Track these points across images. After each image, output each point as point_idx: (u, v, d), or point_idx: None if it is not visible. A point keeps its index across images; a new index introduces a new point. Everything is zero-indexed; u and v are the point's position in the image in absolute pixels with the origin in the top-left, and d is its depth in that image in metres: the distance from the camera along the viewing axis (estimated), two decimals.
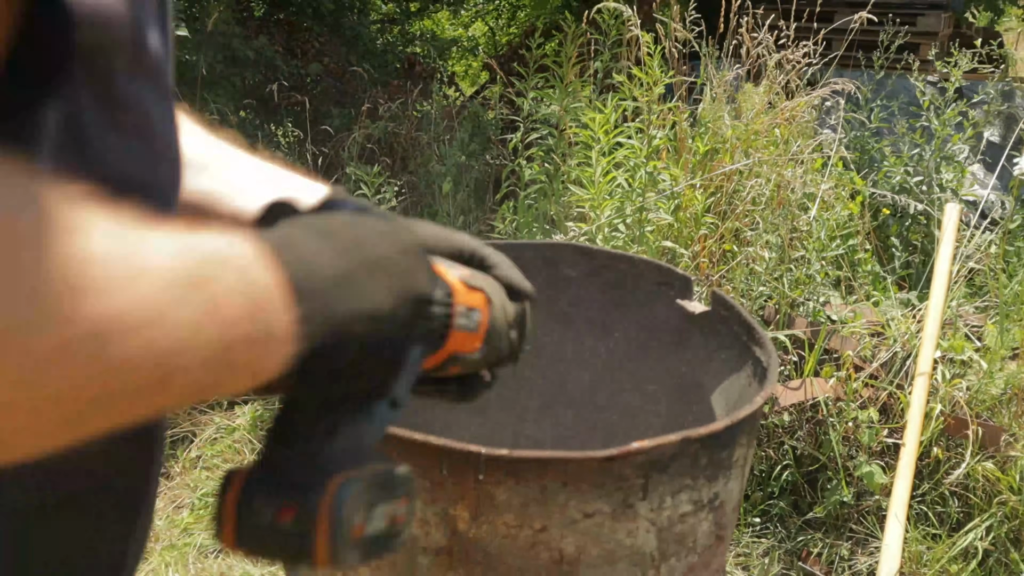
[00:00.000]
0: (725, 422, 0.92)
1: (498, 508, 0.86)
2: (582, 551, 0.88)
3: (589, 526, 0.87)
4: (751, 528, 2.32)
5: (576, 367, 1.49)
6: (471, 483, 0.85)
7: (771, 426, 2.38)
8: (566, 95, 3.13)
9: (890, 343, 2.44)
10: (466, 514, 0.86)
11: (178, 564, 2.20)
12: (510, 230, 3.09)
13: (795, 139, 3.03)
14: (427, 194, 4.00)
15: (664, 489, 0.89)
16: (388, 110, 4.26)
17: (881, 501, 2.28)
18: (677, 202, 2.79)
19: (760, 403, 0.98)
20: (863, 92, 3.57)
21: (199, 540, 2.28)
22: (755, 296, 2.60)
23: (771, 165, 2.85)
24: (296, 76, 5.10)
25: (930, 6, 4.88)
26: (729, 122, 3.06)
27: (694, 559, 0.97)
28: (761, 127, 3.00)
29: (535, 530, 0.87)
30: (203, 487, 2.50)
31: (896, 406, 2.36)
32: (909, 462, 1.86)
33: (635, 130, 2.89)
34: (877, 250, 3.15)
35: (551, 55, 3.37)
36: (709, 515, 0.96)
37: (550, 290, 1.44)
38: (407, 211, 4.04)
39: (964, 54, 3.39)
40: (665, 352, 1.38)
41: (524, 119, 3.35)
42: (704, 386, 1.27)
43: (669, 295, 1.34)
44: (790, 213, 2.72)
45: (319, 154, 4.18)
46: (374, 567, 0.94)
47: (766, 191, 2.80)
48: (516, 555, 0.88)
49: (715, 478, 0.94)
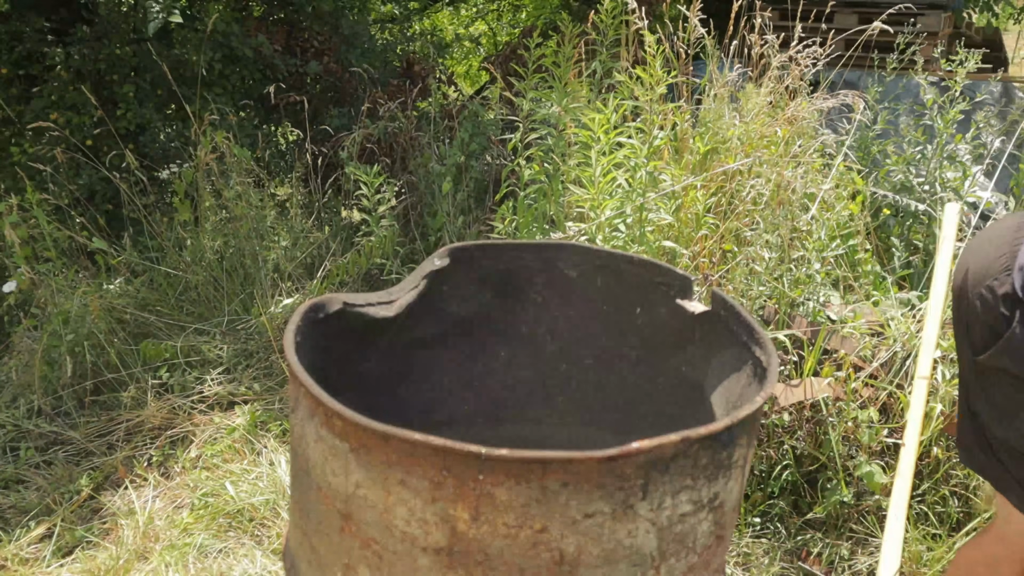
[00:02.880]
0: (725, 422, 0.92)
1: (498, 508, 0.85)
2: (582, 551, 0.88)
3: (589, 526, 0.87)
4: (751, 528, 2.32)
5: (576, 367, 1.48)
6: (471, 483, 0.84)
7: (771, 426, 2.38)
8: (565, 95, 3.13)
9: (890, 343, 2.44)
10: (466, 514, 0.86)
11: (178, 564, 2.20)
12: (510, 230, 3.09)
13: (796, 139, 3.03)
14: (427, 194, 4.00)
15: (664, 489, 0.89)
16: (388, 110, 4.26)
17: (881, 501, 2.28)
18: (678, 202, 2.78)
19: (760, 403, 0.98)
20: (871, 93, 3.57)
21: (199, 540, 2.28)
22: (755, 296, 2.60)
23: (772, 165, 2.85)
24: (295, 75, 5.10)
25: (930, 6, 4.88)
26: (730, 122, 3.05)
27: (694, 559, 0.97)
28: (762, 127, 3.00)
29: (535, 530, 0.86)
30: (203, 487, 2.50)
31: (896, 406, 2.36)
32: (909, 462, 1.86)
33: (635, 130, 2.89)
34: (877, 250, 3.15)
35: (550, 55, 3.37)
36: (709, 515, 0.96)
37: (550, 290, 1.44)
38: (407, 211, 4.04)
39: (973, 53, 3.39)
40: (665, 352, 1.38)
41: (524, 119, 3.35)
42: (704, 386, 1.27)
43: (669, 295, 1.34)
44: (790, 213, 2.72)
45: (318, 154, 4.18)
46: (374, 567, 0.94)
47: (766, 191, 2.80)
48: (516, 555, 0.88)
49: (715, 478, 0.94)
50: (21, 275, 3.07)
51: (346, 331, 1.24)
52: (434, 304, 1.35)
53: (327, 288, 3.36)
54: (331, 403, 0.91)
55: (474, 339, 1.42)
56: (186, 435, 2.77)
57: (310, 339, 1.14)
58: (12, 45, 4.52)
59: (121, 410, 2.90)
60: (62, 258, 3.38)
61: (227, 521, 2.37)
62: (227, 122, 4.18)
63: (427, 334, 1.38)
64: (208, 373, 3.03)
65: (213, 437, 2.75)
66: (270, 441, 2.69)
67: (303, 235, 3.80)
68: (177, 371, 3.04)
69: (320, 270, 3.51)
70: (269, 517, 2.37)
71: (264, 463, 2.57)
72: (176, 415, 2.85)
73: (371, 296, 1.28)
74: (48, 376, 3.01)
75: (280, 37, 5.20)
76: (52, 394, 2.99)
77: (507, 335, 1.20)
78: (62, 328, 3.01)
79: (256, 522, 2.35)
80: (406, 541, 0.90)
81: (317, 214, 4.18)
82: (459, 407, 1.39)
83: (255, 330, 3.22)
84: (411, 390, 1.40)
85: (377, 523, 0.91)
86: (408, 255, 3.81)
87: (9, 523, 2.45)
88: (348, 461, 0.91)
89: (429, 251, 3.76)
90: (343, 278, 3.42)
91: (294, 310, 2.22)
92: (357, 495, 0.92)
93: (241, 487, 2.47)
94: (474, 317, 1.40)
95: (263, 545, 2.28)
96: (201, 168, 3.49)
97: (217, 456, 2.65)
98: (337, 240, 3.84)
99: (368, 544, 0.93)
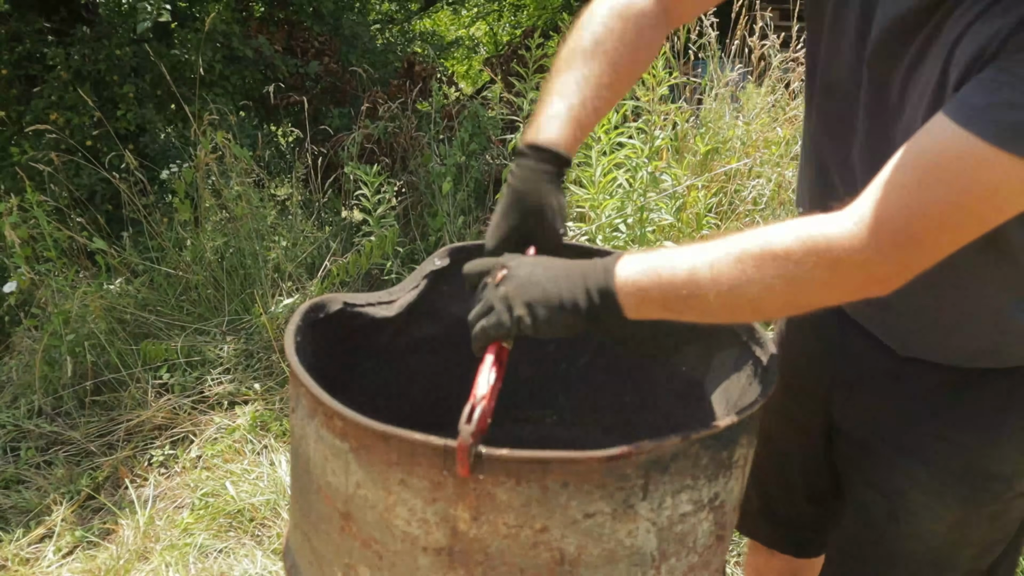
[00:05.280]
0: (726, 422, 0.92)
1: (498, 508, 0.85)
2: (583, 551, 0.88)
3: (590, 526, 0.87)
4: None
5: (576, 367, 1.48)
6: (471, 483, 0.84)
7: None
8: None
9: None
10: (466, 514, 0.86)
11: (178, 564, 2.20)
12: None
13: (797, 140, 3.03)
14: (427, 194, 4.00)
15: (665, 489, 0.89)
16: (388, 110, 4.26)
17: None
18: (679, 202, 2.79)
19: (761, 403, 0.98)
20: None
21: (199, 540, 2.28)
22: None
23: (772, 165, 2.85)
24: (295, 75, 5.10)
25: None
26: (731, 122, 3.05)
27: (694, 559, 0.97)
28: (763, 128, 2.99)
29: (535, 530, 0.86)
30: (203, 487, 2.50)
31: None
32: None
33: (636, 130, 2.89)
34: None
35: (551, 56, 3.37)
36: (710, 515, 0.96)
37: None
38: (407, 211, 4.04)
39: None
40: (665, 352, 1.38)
41: (524, 119, 3.35)
42: (704, 386, 1.27)
43: None
44: (791, 213, 2.72)
45: (318, 154, 4.18)
46: (374, 567, 0.94)
47: (767, 191, 2.80)
48: (516, 555, 0.88)
49: (716, 478, 0.94)
50: (21, 275, 3.07)
51: (346, 331, 1.24)
52: (434, 304, 1.35)
53: (327, 288, 3.36)
54: (331, 403, 0.91)
55: None
56: (186, 435, 2.77)
57: (310, 339, 1.14)
58: (12, 45, 4.53)
59: (121, 410, 2.90)
60: (62, 258, 3.38)
61: (227, 521, 2.37)
62: (227, 122, 4.18)
63: (427, 334, 1.38)
64: (208, 373, 3.03)
65: (213, 437, 2.75)
66: (270, 441, 2.70)
67: (303, 235, 3.80)
68: (177, 371, 3.04)
69: (320, 270, 3.51)
70: (269, 517, 2.37)
71: (264, 463, 2.57)
72: (176, 415, 2.85)
73: (371, 296, 1.28)
74: (48, 376, 3.01)
75: (280, 37, 5.21)
76: (52, 394, 2.99)
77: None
78: (62, 328, 3.01)
79: (256, 522, 2.36)
80: (406, 541, 0.90)
81: (317, 214, 4.18)
82: (459, 407, 1.39)
83: (255, 330, 3.22)
84: (411, 390, 1.40)
85: (377, 523, 0.91)
86: (408, 255, 3.81)
87: (9, 523, 2.45)
88: (348, 461, 0.91)
89: (429, 251, 3.76)
90: (343, 278, 3.42)
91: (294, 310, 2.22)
92: (357, 495, 0.92)
93: (241, 487, 2.47)
94: None
95: (263, 545, 2.28)
96: (201, 168, 3.49)
97: (217, 456, 2.65)
98: (337, 240, 3.84)
99: (368, 544, 0.93)
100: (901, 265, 0.81)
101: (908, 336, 1.09)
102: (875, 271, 0.81)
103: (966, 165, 0.77)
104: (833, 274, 0.82)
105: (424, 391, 1.40)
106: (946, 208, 0.79)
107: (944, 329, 1.05)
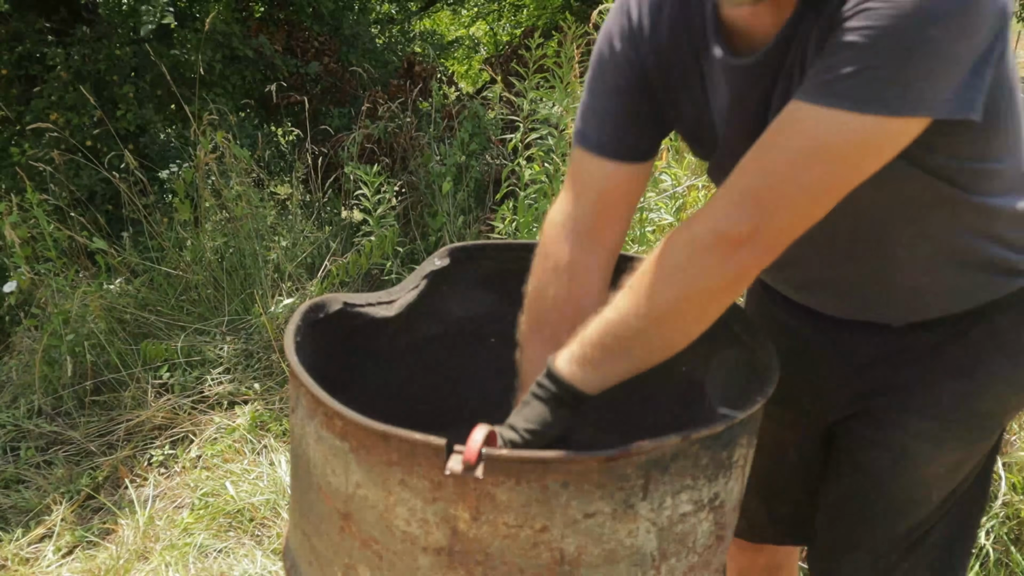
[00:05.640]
0: (725, 422, 0.92)
1: (498, 508, 0.85)
2: (583, 551, 0.88)
3: (590, 526, 0.87)
4: None
5: None
6: (471, 483, 0.84)
7: None
8: (566, 95, 3.13)
9: None
10: (466, 514, 0.86)
11: (178, 564, 2.20)
12: (510, 230, 3.09)
13: None
14: (427, 194, 4.00)
15: (665, 489, 0.89)
16: (388, 110, 4.26)
17: None
18: (679, 203, 2.78)
19: (760, 403, 0.98)
20: None
21: (199, 540, 2.28)
22: None
23: None
24: (295, 75, 5.10)
25: None
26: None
27: (694, 559, 0.97)
28: None
29: (536, 530, 0.87)
30: (203, 487, 2.50)
31: None
32: None
33: None
34: None
35: (551, 55, 3.37)
36: (710, 515, 0.96)
37: None
38: (407, 211, 4.04)
39: None
40: None
41: (524, 119, 3.35)
42: (704, 386, 1.27)
43: None
44: None
45: (318, 154, 4.18)
46: (374, 567, 0.94)
47: None
48: (516, 555, 0.88)
49: (716, 478, 0.94)
50: (21, 275, 3.07)
51: (346, 331, 1.24)
52: (434, 304, 1.35)
53: (327, 288, 3.36)
54: (331, 403, 0.91)
55: (474, 339, 1.42)
56: (186, 435, 2.77)
57: (310, 339, 1.14)
58: (12, 45, 4.53)
59: (121, 410, 2.90)
60: (62, 258, 3.38)
61: (227, 521, 2.37)
62: (227, 122, 4.18)
63: (427, 334, 1.38)
64: (208, 373, 3.03)
65: (213, 437, 2.75)
66: (270, 441, 2.69)
67: (303, 235, 3.80)
68: (177, 371, 3.04)
69: (320, 270, 3.51)
70: (269, 517, 2.37)
71: (264, 463, 2.57)
72: (176, 415, 2.85)
73: (371, 296, 1.28)
74: (48, 376, 3.01)
75: (280, 37, 5.21)
76: (52, 394, 2.99)
77: (507, 335, 1.20)
78: (62, 328, 3.01)
79: (256, 522, 2.35)
80: (406, 541, 0.90)
81: (317, 214, 4.18)
82: (459, 407, 1.39)
83: (255, 330, 3.22)
84: (411, 390, 1.40)
85: (377, 523, 0.91)
86: (408, 255, 3.81)
87: (9, 523, 2.45)
88: (348, 461, 0.91)
89: (429, 251, 3.76)
90: (343, 278, 3.42)
91: (294, 310, 2.22)
92: (357, 495, 0.92)
93: (241, 487, 2.47)
94: (474, 317, 1.40)
95: (263, 545, 2.28)
96: (201, 168, 3.49)
97: (217, 456, 2.65)
98: (337, 240, 3.84)
99: (368, 544, 0.93)
100: (769, 228, 0.88)
101: (897, 307, 1.13)
102: (733, 232, 0.88)
103: (839, 139, 0.83)
104: (716, 255, 0.89)
105: (424, 391, 1.40)
106: (815, 177, 0.85)
107: (930, 291, 1.09)
